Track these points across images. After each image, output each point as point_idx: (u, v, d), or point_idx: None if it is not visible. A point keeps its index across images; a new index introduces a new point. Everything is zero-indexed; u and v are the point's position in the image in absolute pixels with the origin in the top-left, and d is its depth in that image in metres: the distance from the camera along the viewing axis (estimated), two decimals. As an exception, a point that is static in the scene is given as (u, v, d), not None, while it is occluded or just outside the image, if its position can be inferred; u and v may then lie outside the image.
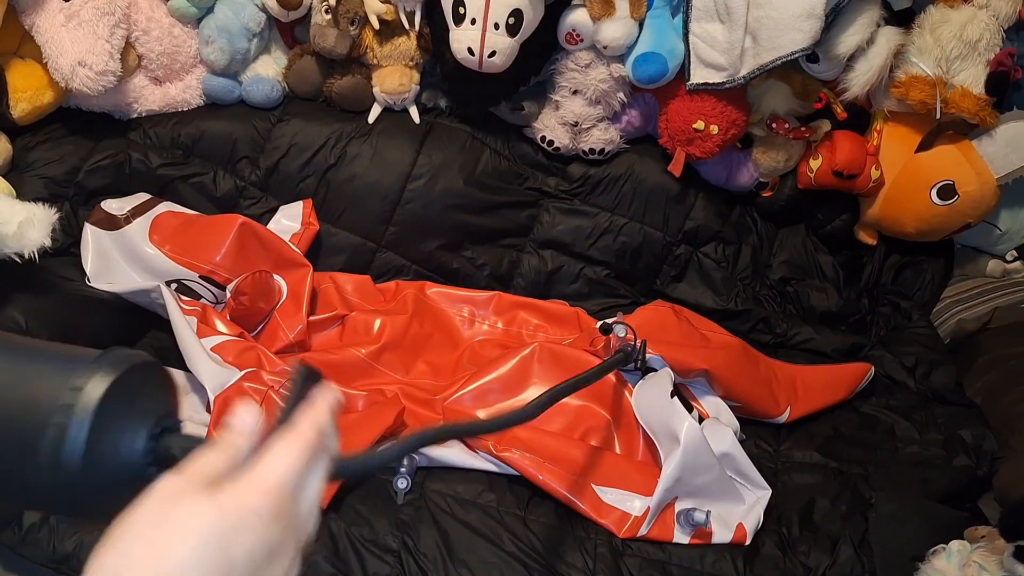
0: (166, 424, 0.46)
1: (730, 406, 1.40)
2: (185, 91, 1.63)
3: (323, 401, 0.45)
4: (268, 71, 1.65)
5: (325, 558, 1.12)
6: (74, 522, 1.11)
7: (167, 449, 0.45)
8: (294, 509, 0.41)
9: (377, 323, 1.51)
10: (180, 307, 1.34)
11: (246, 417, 0.44)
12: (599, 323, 1.36)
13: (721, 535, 1.22)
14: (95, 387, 0.42)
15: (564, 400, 1.35)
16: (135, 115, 1.61)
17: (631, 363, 1.29)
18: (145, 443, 0.44)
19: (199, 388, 1.27)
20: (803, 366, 1.53)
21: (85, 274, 1.44)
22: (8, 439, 0.42)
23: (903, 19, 1.52)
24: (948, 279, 1.80)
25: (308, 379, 0.47)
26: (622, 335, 1.29)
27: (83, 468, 0.41)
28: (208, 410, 1.23)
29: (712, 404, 1.40)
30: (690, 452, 1.19)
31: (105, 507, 0.42)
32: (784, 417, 1.44)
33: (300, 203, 1.62)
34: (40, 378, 0.43)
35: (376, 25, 1.56)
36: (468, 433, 0.72)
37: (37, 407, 0.42)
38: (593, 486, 1.23)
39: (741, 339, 1.54)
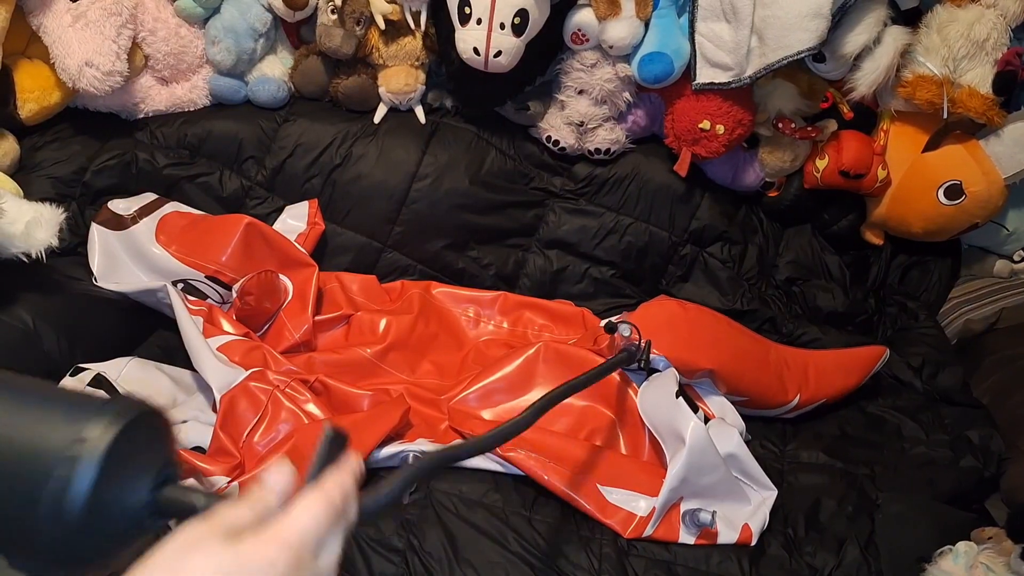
0: (167, 474, 0.46)
1: (737, 400, 1.40)
2: (191, 91, 1.64)
3: (348, 466, 0.47)
4: (274, 71, 1.65)
5: (330, 557, 1.12)
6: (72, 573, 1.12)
7: (168, 499, 0.45)
8: (312, 566, 0.42)
9: (383, 323, 1.51)
10: (186, 307, 1.34)
11: (280, 476, 0.45)
12: (604, 322, 1.36)
13: (727, 535, 1.21)
14: (100, 438, 0.42)
15: (569, 400, 1.35)
16: (142, 115, 1.62)
17: (634, 363, 1.29)
18: (147, 494, 0.44)
19: (205, 387, 1.28)
20: (816, 351, 1.50)
21: (92, 274, 1.44)
22: (9, 487, 0.41)
23: (910, 18, 1.52)
24: (955, 279, 1.80)
25: (336, 442, 0.48)
26: (627, 334, 1.29)
27: (85, 519, 0.41)
28: (214, 410, 1.24)
29: (717, 404, 1.39)
30: (696, 452, 1.19)
31: (104, 557, 0.42)
32: (793, 404, 1.43)
33: (306, 203, 1.62)
34: (43, 426, 0.43)
35: (382, 25, 1.56)
36: (467, 454, 0.72)
37: (40, 457, 0.41)
38: (598, 486, 1.23)
39: (749, 329, 1.52)
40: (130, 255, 1.48)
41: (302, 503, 0.43)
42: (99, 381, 1.24)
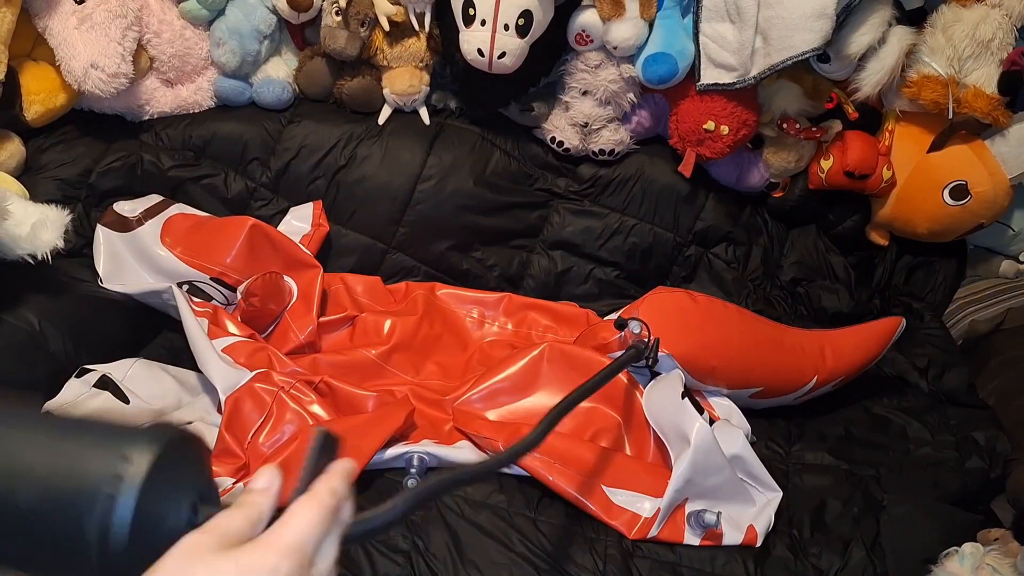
0: (206, 495, 0.47)
1: (752, 391, 1.39)
2: (196, 93, 1.64)
3: (340, 469, 0.47)
4: (279, 73, 1.65)
5: (335, 558, 1.12)
6: None
7: (207, 520, 0.45)
8: (310, 572, 0.42)
9: (387, 324, 1.51)
10: (191, 308, 1.35)
11: (268, 480, 0.45)
12: (615, 315, 1.35)
13: (732, 537, 1.21)
14: (139, 464, 0.42)
15: (574, 401, 1.35)
16: (147, 117, 1.62)
17: (642, 359, 1.28)
18: (187, 515, 0.45)
19: (210, 388, 1.28)
20: (832, 330, 1.47)
21: (97, 275, 1.45)
22: (54, 517, 0.42)
23: (915, 18, 1.52)
24: (960, 280, 1.79)
25: (326, 446, 0.48)
26: (637, 331, 1.29)
27: (129, 544, 0.41)
28: (219, 411, 1.24)
29: (722, 406, 1.39)
30: (701, 453, 1.19)
31: None
32: (809, 386, 1.41)
33: (310, 204, 1.62)
34: (85, 455, 0.43)
35: (386, 26, 1.56)
36: (476, 476, 0.72)
37: (83, 485, 0.42)
38: (603, 487, 1.23)
39: (761, 316, 1.50)
40: (135, 257, 1.48)
41: (296, 507, 0.43)
42: (104, 382, 1.24)
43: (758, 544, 1.22)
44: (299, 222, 1.61)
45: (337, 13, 1.54)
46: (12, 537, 0.42)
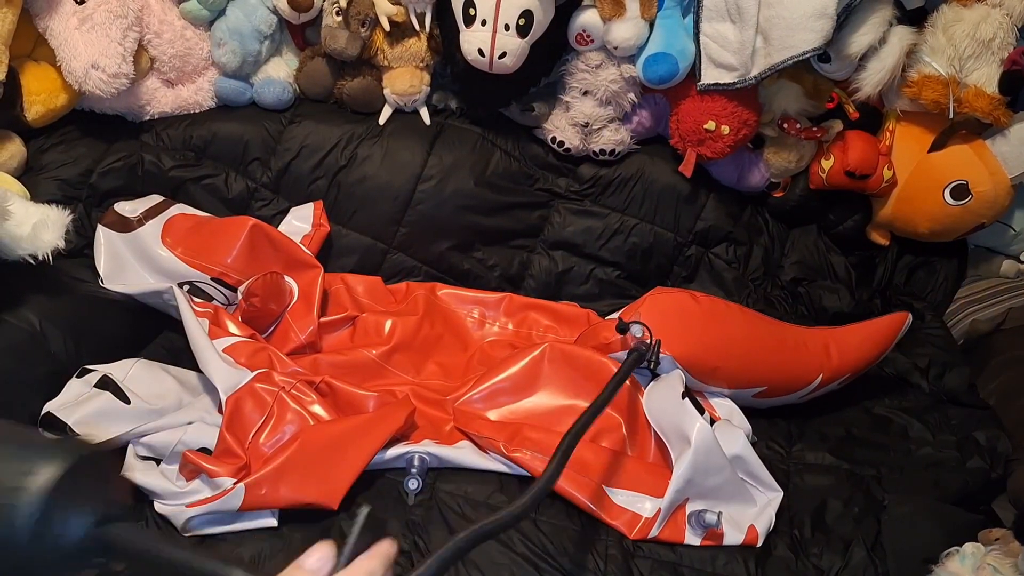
0: (111, 514, 0.48)
1: (755, 391, 1.39)
2: (197, 93, 1.64)
3: (381, 552, 0.48)
4: (279, 73, 1.66)
5: (336, 559, 1.12)
6: None
7: (111, 538, 0.47)
8: None
9: (388, 324, 1.51)
10: (192, 309, 1.35)
11: (320, 562, 0.46)
12: (616, 316, 1.35)
13: (732, 537, 1.21)
14: (44, 477, 0.44)
15: (575, 402, 1.35)
16: (147, 117, 1.62)
17: (645, 362, 1.28)
18: (88, 531, 0.46)
19: (211, 389, 1.28)
20: (837, 328, 1.46)
21: (98, 275, 1.45)
22: None
23: (915, 18, 1.52)
24: (961, 280, 1.79)
25: (370, 524, 0.50)
26: (638, 335, 1.29)
27: (27, 554, 0.43)
28: (220, 411, 1.24)
29: (723, 406, 1.39)
30: (701, 453, 1.19)
31: None
32: (814, 384, 1.41)
33: (311, 204, 1.62)
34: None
35: (387, 27, 1.56)
36: (502, 527, 0.72)
37: None
38: (604, 488, 1.23)
39: (764, 315, 1.50)
40: (136, 257, 1.48)
41: None
42: (105, 382, 1.24)
43: (759, 544, 1.22)
44: (300, 222, 1.61)
45: (338, 13, 1.54)
46: None
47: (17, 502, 0.43)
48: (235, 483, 1.12)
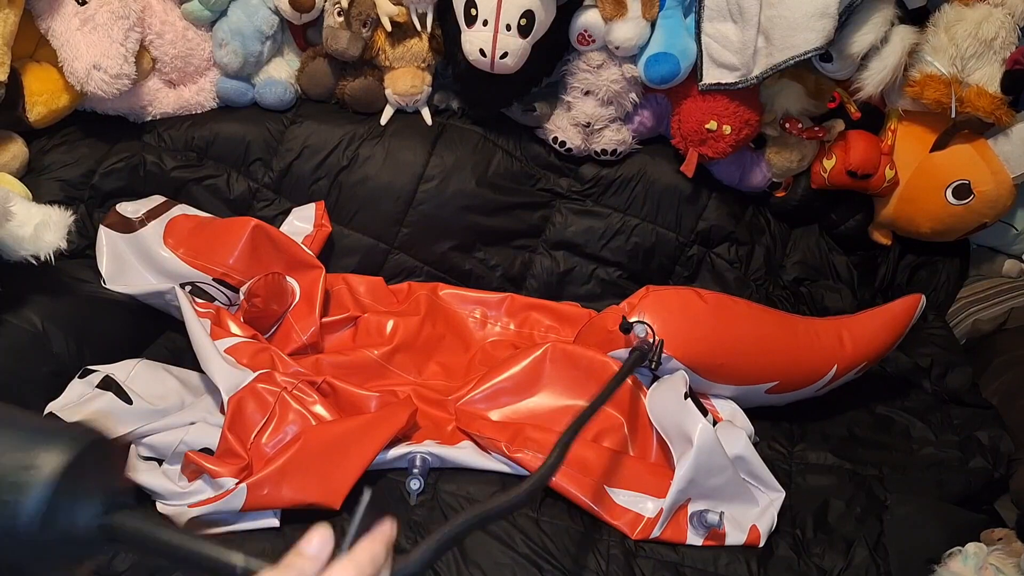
0: (118, 501, 0.48)
1: (768, 386, 1.39)
2: (199, 94, 1.64)
3: (382, 534, 0.48)
4: (281, 73, 1.66)
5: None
6: None
7: (118, 525, 0.47)
8: None
9: (390, 324, 1.51)
10: (194, 309, 1.35)
11: (319, 548, 0.46)
12: (620, 306, 1.34)
13: (735, 537, 1.21)
14: (52, 464, 0.44)
15: (577, 402, 1.35)
16: (149, 118, 1.62)
17: (647, 362, 1.28)
18: (96, 519, 0.46)
19: (213, 389, 1.28)
20: (850, 316, 1.45)
21: (100, 276, 1.45)
22: None
23: (917, 18, 1.51)
24: (963, 279, 1.79)
25: (372, 508, 0.50)
26: (642, 334, 1.29)
27: (35, 541, 0.43)
28: (222, 411, 1.24)
29: (725, 407, 1.39)
30: (703, 453, 1.19)
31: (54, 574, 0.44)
32: (830, 376, 1.39)
33: (313, 205, 1.63)
34: (5, 446, 0.45)
35: (388, 27, 1.56)
36: (502, 513, 0.72)
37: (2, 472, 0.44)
38: (606, 488, 1.23)
39: (773, 308, 1.49)
40: (138, 257, 1.48)
41: (333, 571, 0.45)
42: (108, 383, 1.24)
43: (761, 544, 1.22)
44: (301, 223, 1.61)
45: (339, 14, 1.54)
46: None
47: (25, 489, 0.43)
48: (237, 483, 1.12)
